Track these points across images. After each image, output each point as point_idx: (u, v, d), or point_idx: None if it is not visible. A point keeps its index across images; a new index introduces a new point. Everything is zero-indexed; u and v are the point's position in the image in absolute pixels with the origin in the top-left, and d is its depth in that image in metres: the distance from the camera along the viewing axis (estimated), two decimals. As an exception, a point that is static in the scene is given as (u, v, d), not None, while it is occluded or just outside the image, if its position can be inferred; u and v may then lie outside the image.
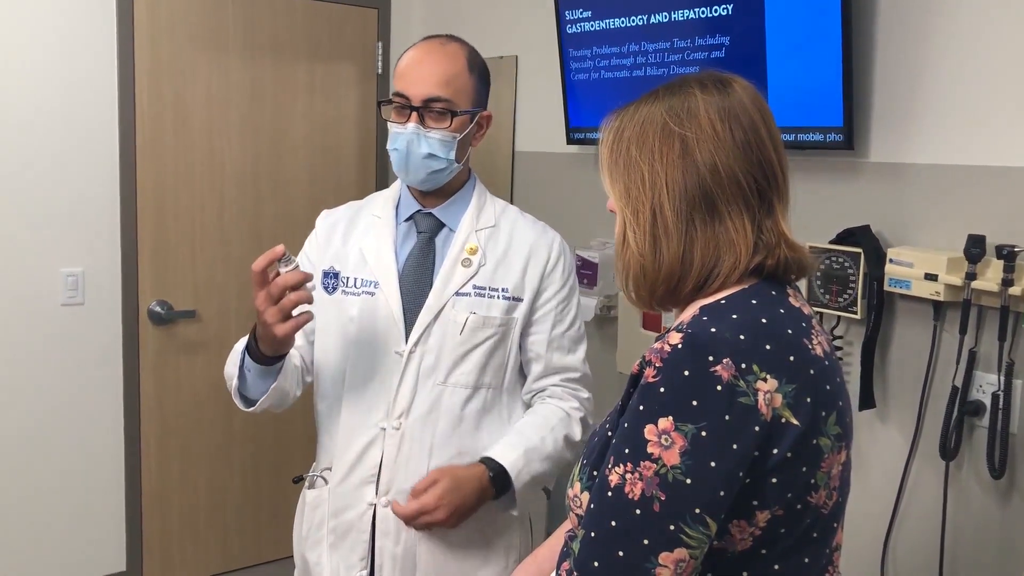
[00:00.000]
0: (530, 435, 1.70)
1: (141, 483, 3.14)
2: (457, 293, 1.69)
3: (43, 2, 2.80)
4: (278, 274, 1.50)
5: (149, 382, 3.12)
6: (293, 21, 3.29)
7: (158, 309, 3.10)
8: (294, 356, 1.75)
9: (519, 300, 1.72)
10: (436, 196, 1.75)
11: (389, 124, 1.70)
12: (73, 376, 2.98)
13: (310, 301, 1.53)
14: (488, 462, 1.66)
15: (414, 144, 1.65)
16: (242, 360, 1.65)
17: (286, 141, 3.32)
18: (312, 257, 1.80)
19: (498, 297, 1.71)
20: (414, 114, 1.65)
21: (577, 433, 1.75)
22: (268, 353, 1.59)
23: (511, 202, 3.02)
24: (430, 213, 1.75)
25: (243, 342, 1.66)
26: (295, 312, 1.52)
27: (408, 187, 1.77)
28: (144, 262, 3.07)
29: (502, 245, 1.74)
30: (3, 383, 2.86)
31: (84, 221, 2.94)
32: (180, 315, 3.14)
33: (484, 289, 1.70)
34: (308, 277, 1.51)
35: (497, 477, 1.65)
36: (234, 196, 3.23)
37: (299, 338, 1.77)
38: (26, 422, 2.91)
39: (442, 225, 1.75)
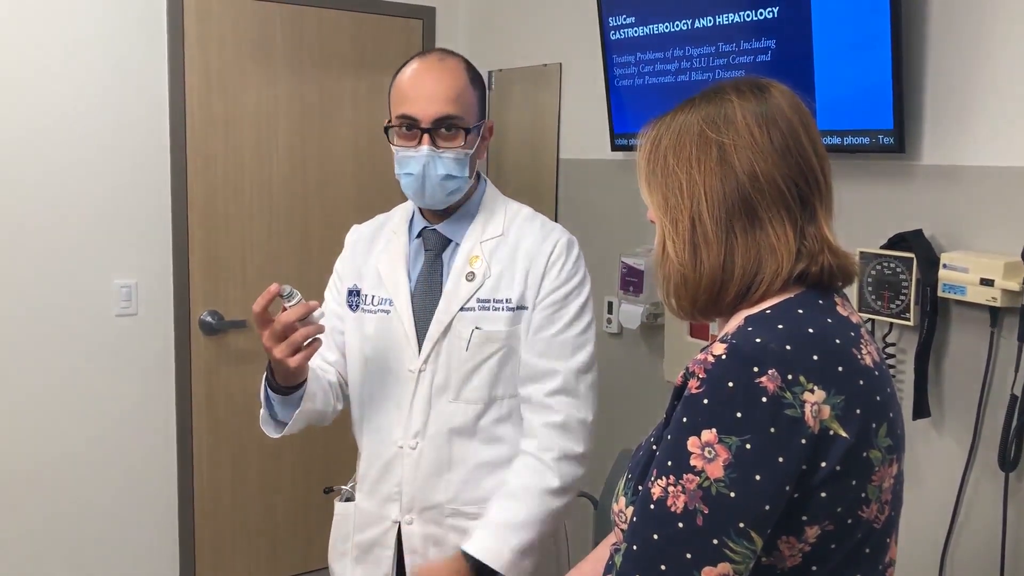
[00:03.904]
0: (504, 507, 1.61)
1: (193, 491, 3.18)
2: (463, 308, 1.66)
3: (95, 20, 2.87)
4: (283, 309, 1.51)
5: (200, 391, 3.17)
6: (339, 33, 3.32)
7: (209, 319, 3.15)
8: (329, 372, 1.77)
9: (523, 308, 1.67)
10: (442, 212, 1.72)
11: (396, 148, 1.65)
12: (126, 385, 3.03)
13: (321, 331, 1.53)
14: (467, 557, 1.56)
15: (430, 167, 1.61)
16: (265, 392, 1.66)
17: (333, 152, 3.35)
18: (342, 274, 1.82)
19: (502, 309, 1.66)
20: (425, 136, 1.61)
21: (552, 481, 1.60)
22: (284, 384, 1.60)
23: (555, 211, 3.02)
24: (435, 230, 1.73)
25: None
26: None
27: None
28: (195, 273, 3.12)
29: (508, 254, 1.69)
30: (59, 392, 2.92)
31: (137, 233, 3.00)
32: (230, 325, 3.19)
33: (488, 302, 1.66)
34: (313, 308, 1.52)
35: (479, 569, 1.55)
36: (282, 207, 3.27)
37: (334, 355, 1.79)
38: (80, 431, 2.96)
39: (449, 241, 1.72)
